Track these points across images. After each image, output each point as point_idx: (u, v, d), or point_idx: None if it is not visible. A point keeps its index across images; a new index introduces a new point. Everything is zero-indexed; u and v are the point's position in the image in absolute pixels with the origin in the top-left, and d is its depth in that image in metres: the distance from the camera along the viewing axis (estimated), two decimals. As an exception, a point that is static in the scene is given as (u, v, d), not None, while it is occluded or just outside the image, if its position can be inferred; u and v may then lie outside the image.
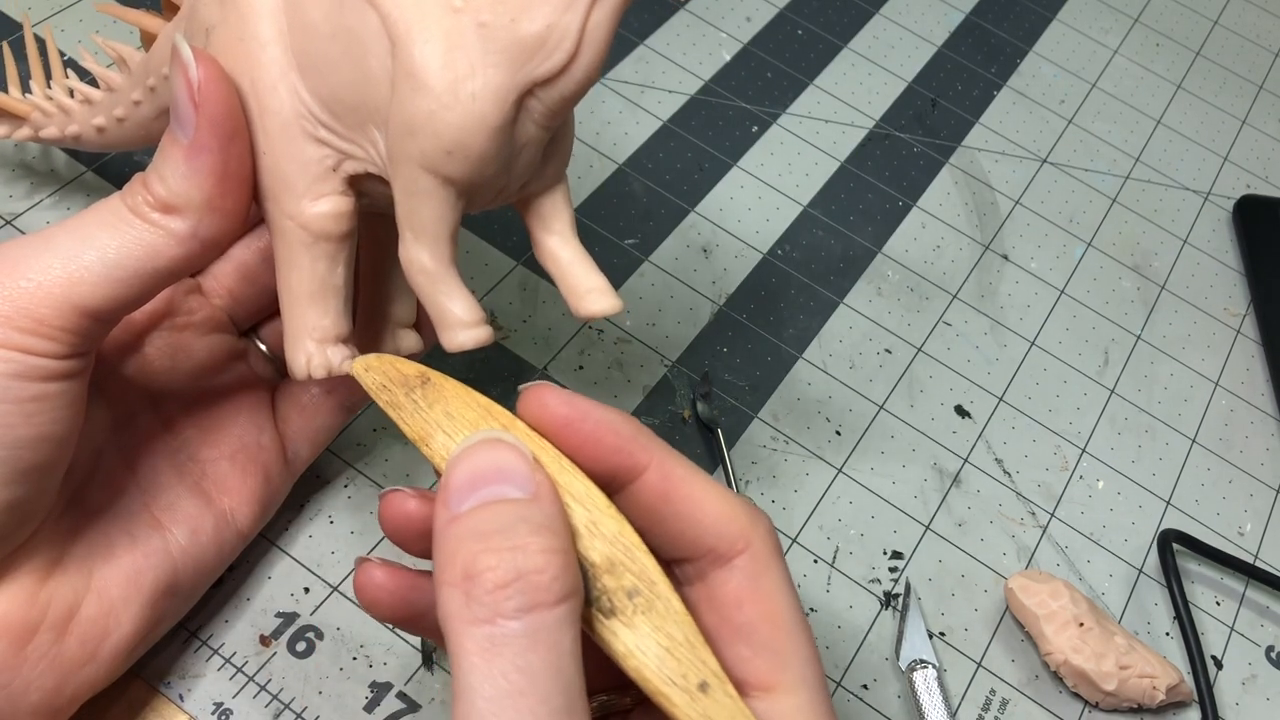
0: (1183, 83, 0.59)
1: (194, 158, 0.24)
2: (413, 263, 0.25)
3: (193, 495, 0.30)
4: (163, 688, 0.31)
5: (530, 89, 0.24)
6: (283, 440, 0.33)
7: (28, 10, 0.44)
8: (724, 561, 0.24)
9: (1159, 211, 0.53)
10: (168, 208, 0.24)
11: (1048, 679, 0.38)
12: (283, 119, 0.25)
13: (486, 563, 0.21)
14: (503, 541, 0.21)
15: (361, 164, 0.25)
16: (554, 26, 0.23)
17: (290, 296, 0.27)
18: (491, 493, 0.22)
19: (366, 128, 0.25)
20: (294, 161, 0.25)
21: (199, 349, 0.31)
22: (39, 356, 0.23)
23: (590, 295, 0.27)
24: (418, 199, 0.24)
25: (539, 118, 0.24)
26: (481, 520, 0.22)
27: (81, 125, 0.33)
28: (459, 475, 0.22)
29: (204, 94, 0.24)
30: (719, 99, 0.51)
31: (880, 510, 0.40)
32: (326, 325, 0.27)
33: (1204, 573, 0.42)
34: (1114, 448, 0.44)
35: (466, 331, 0.26)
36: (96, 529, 0.28)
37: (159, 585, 0.29)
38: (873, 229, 0.48)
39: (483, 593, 0.21)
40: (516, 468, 0.22)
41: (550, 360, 0.41)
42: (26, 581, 0.26)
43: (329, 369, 0.27)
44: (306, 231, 0.26)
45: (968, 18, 0.58)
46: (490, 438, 0.23)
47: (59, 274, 0.24)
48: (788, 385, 0.43)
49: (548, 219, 0.27)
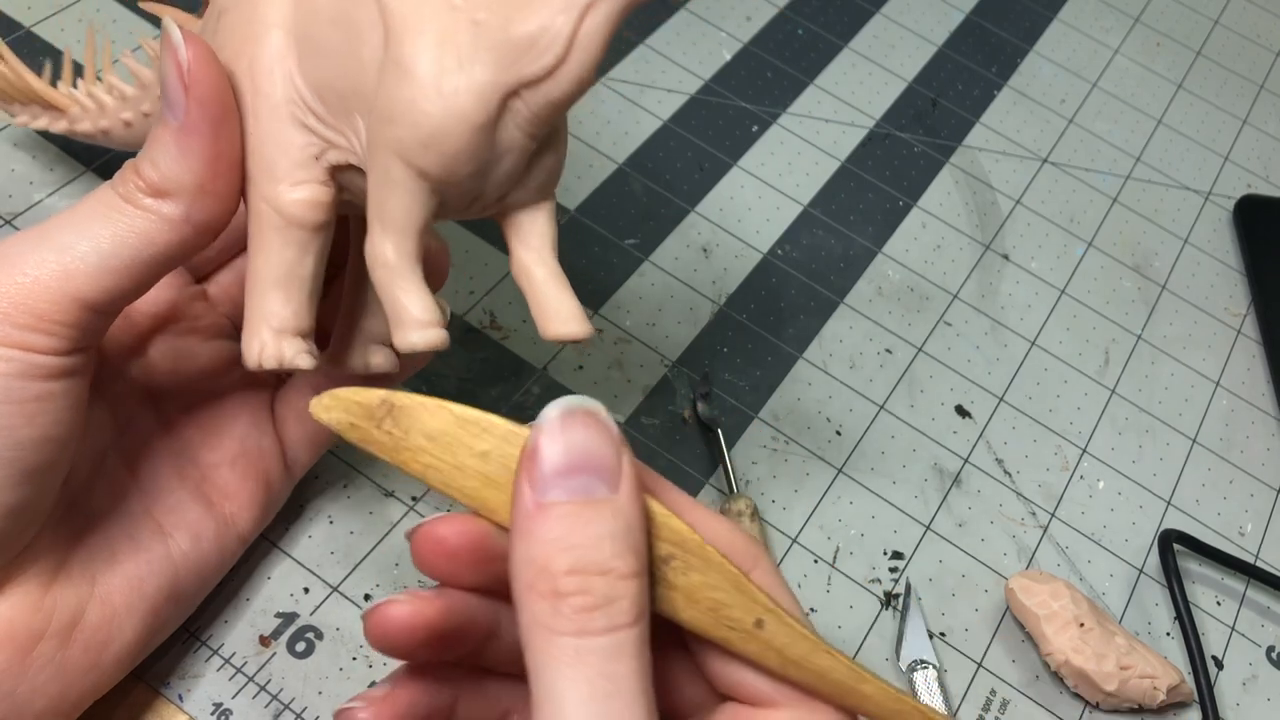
0: (1183, 82, 0.59)
1: (184, 140, 0.24)
2: (376, 256, 0.25)
3: (194, 500, 0.30)
4: (162, 688, 0.31)
5: (516, 90, 0.23)
6: (283, 445, 0.33)
7: (28, 9, 0.44)
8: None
9: (1159, 211, 0.53)
10: (159, 192, 0.24)
11: (1048, 679, 0.38)
12: (273, 102, 0.25)
13: (574, 585, 0.21)
14: (590, 561, 0.21)
15: (344, 154, 0.25)
16: (546, 28, 0.23)
17: (254, 280, 0.26)
18: (581, 486, 0.22)
19: (352, 116, 0.24)
20: (278, 145, 0.25)
21: (202, 354, 0.31)
22: (40, 353, 0.23)
23: (558, 318, 0.26)
24: (389, 189, 0.24)
25: (523, 122, 0.24)
26: (569, 527, 0.22)
27: (111, 121, 0.34)
28: (550, 455, 0.22)
29: (193, 76, 0.24)
30: (719, 99, 0.51)
31: (880, 510, 0.40)
32: (286, 315, 0.26)
33: (1205, 573, 0.42)
34: (1115, 448, 0.44)
35: (420, 331, 0.25)
36: (99, 534, 0.28)
37: (161, 591, 0.29)
38: (873, 229, 0.48)
39: (570, 610, 0.21)
40: (606, 457, 0.22)
41: (550, 360, 0.41)
42: (30, 588, 0.26)
43: (280, 360, 0.26)
44: (280, 216, 0.25)
45: (968, 17, 0.58)
46: (585, 409, 0.23)
47: (54, 267, 0.23)
48: (788, 385, 0.43)
49: (526, 234, 0.27)
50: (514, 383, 0.40)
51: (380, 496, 0.36)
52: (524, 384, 0.40)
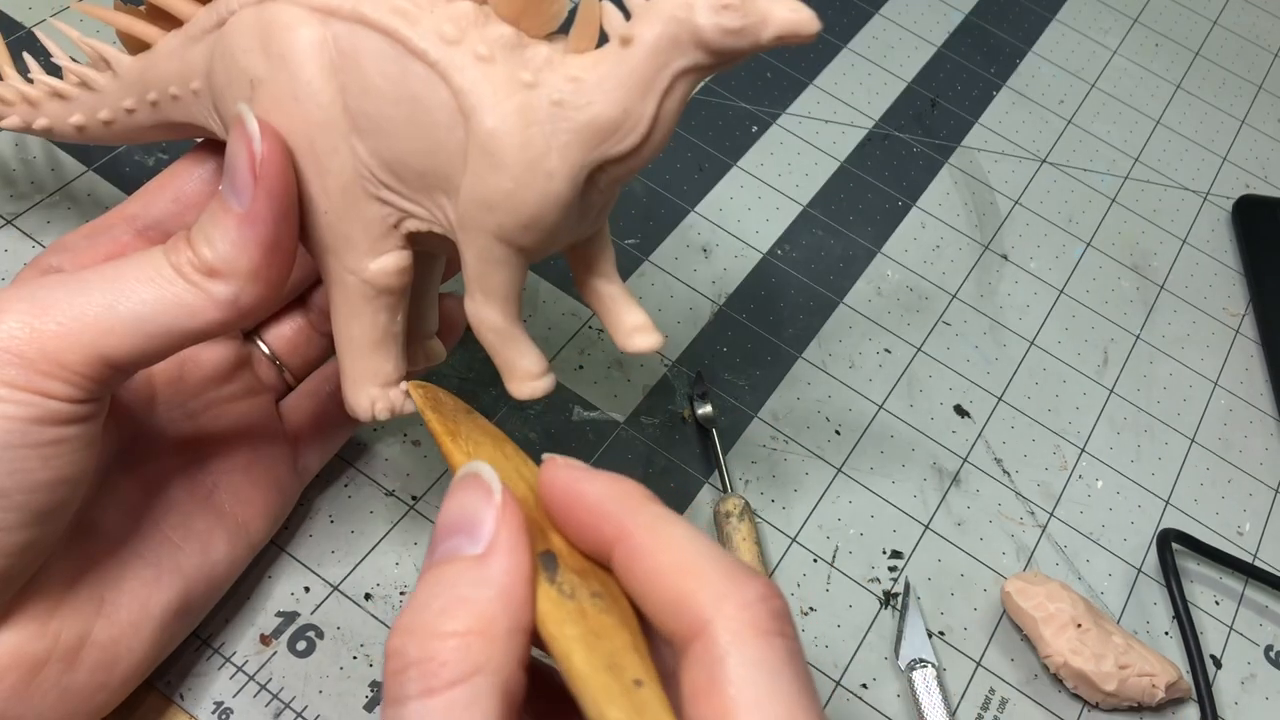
0: (1182, 83, 0.59)
1: (247, 227, 0.24)
2: (483, 321, 0.26)
3: (204, 510, 0.30)
4: (163, 687, 0.31)
5: (601, 165, 0.24)
6: (292, 449, 0.33)
7: (28, 9, 0.44)
8: (685, 649, 0.21)
9: (1158, 211, 0.53)
10: (213, 272, 0.24)
11: (1047, 678, 0.38)
12: (344, 180, 0.25)
13: (393, 645, 0.21)
14: (415, 622, 0.21)
15: (425, 224, 0.26)
16: (630, 113, 0.23)
17: (353, 346, 0.27)
18: (448, 549, 0.22)
19: (433, 193, 0.25)
20: (357, 221, 0.26)
21: (206, 359, 0.31)
22: (57, 400, 0.23)
23: (636, 334, 0.28)
24: (491, 265, 0.25)
25: (604, 187, 0.25)
26: (420, 590, 0.22)
27: (53, 120, 0.32)
28: (439, 517, 0.23)
29: (265, 169, 0.24)
30: (719, 99, 0.51)
31: (880, 510, 0.40)
32: (389, 370, 0.28)
33: (1203, 572, 0.42)
34: (1113, 447, 0.44)
35: (534, 382, 0.27)
36: (106, 553, 0.28)
37: (170, 606, 0.28)
38: (872, 229, 0.48)
39: (389, 675, 0.21)
40: (473, 513, 0.22)
41: (550, 360, 0.41)
42: (36, 613, 0.26)
43: (393, 410, 0.28)
44: (371, 286, 0.26)
45: (967, 18, 0.59)
46: (468, 474, 0.23)
47: (91, 321, 0.23)
48: (787, 385, 0.43)
49: (594, 262, 0.28)
50: (514, 382, 0.40)
51: (381, 496, 0.36)
52: (524, 384, 0.40)
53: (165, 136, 0.31)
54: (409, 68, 0.24)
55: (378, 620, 0.34)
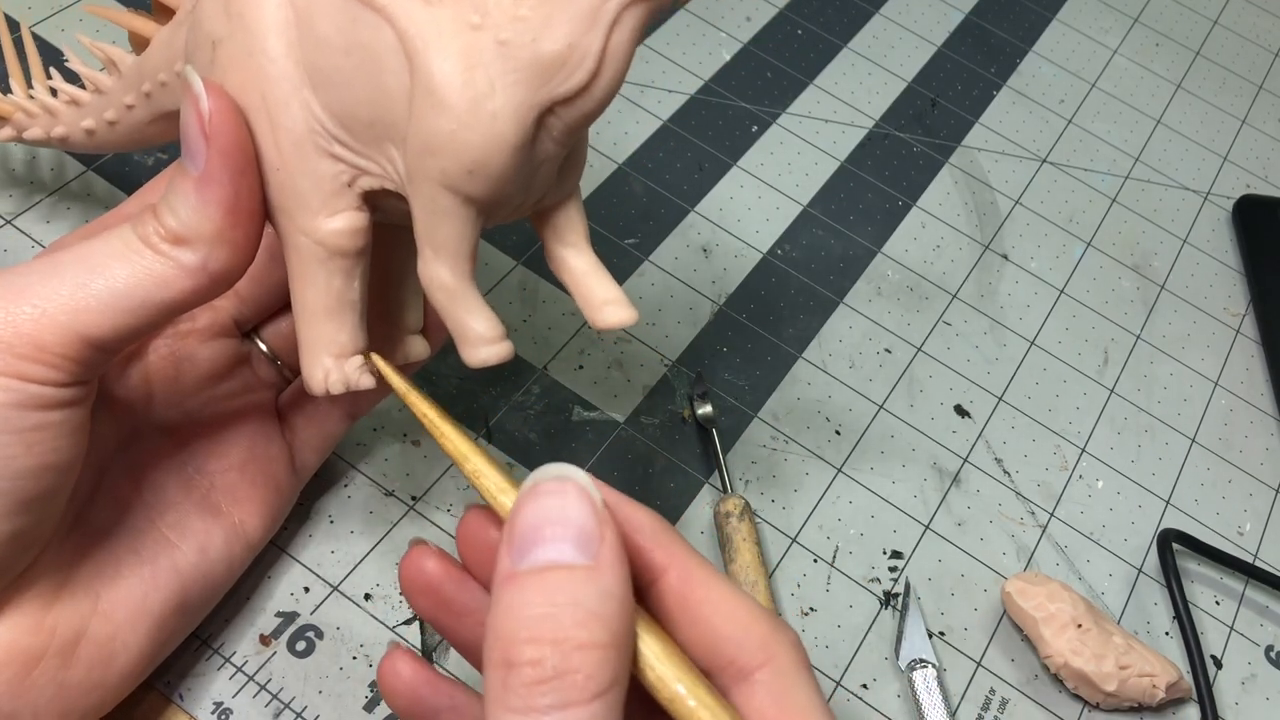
0: (1182, 82, 0.59)
1: (204, 190, 0.24)
2: (433, 280, 0.25)
3: (201, 509, 0.30)
4: (162, 687, 0.31)
5: (550, 107, 0.23)
6: (290, 448, 0.33)
7: (28, 9, 0.44)
8: (746, 675, 0.23)
9: (1159, 211, 0.53)
10: (178, 239, 0.24)
11: (1047, 678, 0.38)
12: (296, 135, 0.25)
13: (526, 654, 0.20)
14: (546, 631, 0.21)
15: (378, 180, 0.25)
16: (575, 46, 0.23)
17: (306, 312, 0.27)
18: (549, 555, 0.21)
19: (383, 144, 0.24)
20: (308, 177, 0.25)
21: (203, 356, 0.31)
22: (39, 384, 0.23)
23: (606, 308, 0.27)
24: (438, 217, 0.24)
25: (557, 135, 0.24)
26: (531, 597, 0.21)
27: (69, 127, 0.33)
28: (523, 520, 0.22)
29: (215, 126, 0.24)
30: (719, 99, 0.51)
31: (880, 510, 0.40)
32: (344, 340, 0.27)
33: (1203, 572, 0.42)
34: (1113, 447, 0.44)
35: (488, 348, 0.26)
36: (102, 550, 0.28)
37: (168, 605, 0.28)
38: (872, 229, 0.48)
39: (519, 684, 0.20)
40: (580, 522, 0.22)
41: (550, 360, 0.41)
42: (31, 608, 0.26)
43: (347, 384, 0.27)
44: (323, 248, 0.26)
45: (967, 17, 0.58)
46: (558, 476, 0.22)
47: (65, 301, 0.23)
48: (787, 385, 0.43)
49: (562, 231, 0.27)
50: (514, 382, 0.40)
51: (380, 496, 0.36)
52: (524, 384, 0.40)
53: (165, 135, 0.31)
54: (359, 15, 0.23)
55: (377, 620, 0.34)
